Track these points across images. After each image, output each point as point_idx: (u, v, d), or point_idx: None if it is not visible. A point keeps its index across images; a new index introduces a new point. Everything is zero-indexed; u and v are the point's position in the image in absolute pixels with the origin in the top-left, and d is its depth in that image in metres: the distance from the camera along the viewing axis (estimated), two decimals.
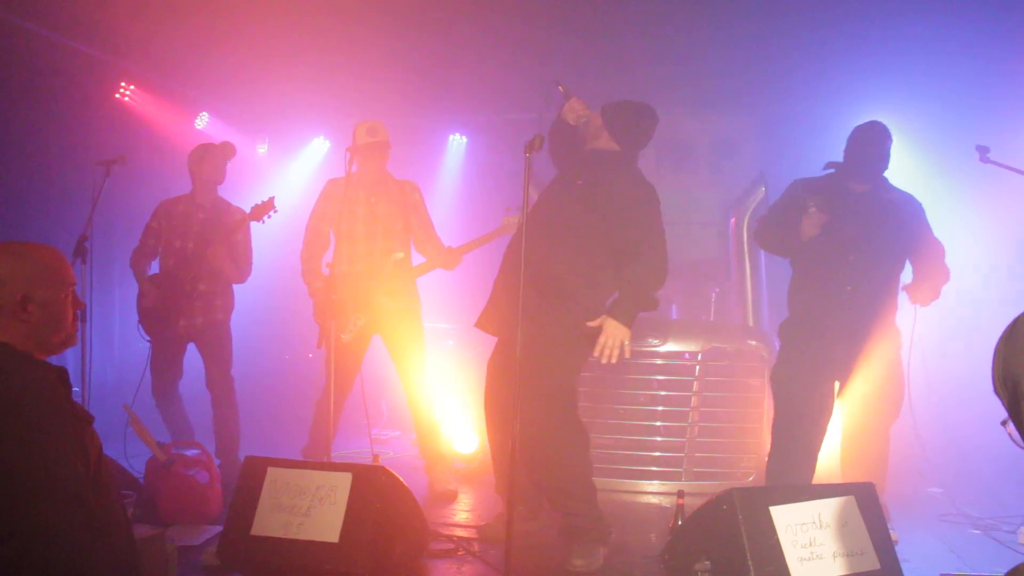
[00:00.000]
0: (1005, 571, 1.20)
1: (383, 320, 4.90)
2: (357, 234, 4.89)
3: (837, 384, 4.22)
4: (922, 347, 4.40)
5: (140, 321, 5.16)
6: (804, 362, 4.15)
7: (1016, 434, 1.30)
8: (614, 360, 3.73)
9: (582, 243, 3.83)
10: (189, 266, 5.04)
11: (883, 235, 4.12)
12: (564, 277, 3.79)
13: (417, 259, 5.12)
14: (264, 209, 4.99)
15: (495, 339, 4.18)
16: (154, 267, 5.26)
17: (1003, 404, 1.33)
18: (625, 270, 3.81)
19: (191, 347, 5.24)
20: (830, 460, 4.49)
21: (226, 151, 5.24)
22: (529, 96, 6.94)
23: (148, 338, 5.15)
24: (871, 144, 4.20)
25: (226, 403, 5.18)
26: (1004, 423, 1.33)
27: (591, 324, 3.75)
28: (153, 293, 5.07)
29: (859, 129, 4.27)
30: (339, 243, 4.91)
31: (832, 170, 4.34)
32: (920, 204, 4.32)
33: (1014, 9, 5.30)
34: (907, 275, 4.34)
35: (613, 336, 3.72)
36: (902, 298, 4.24)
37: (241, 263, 5.18)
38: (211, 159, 5.17)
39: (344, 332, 4.82)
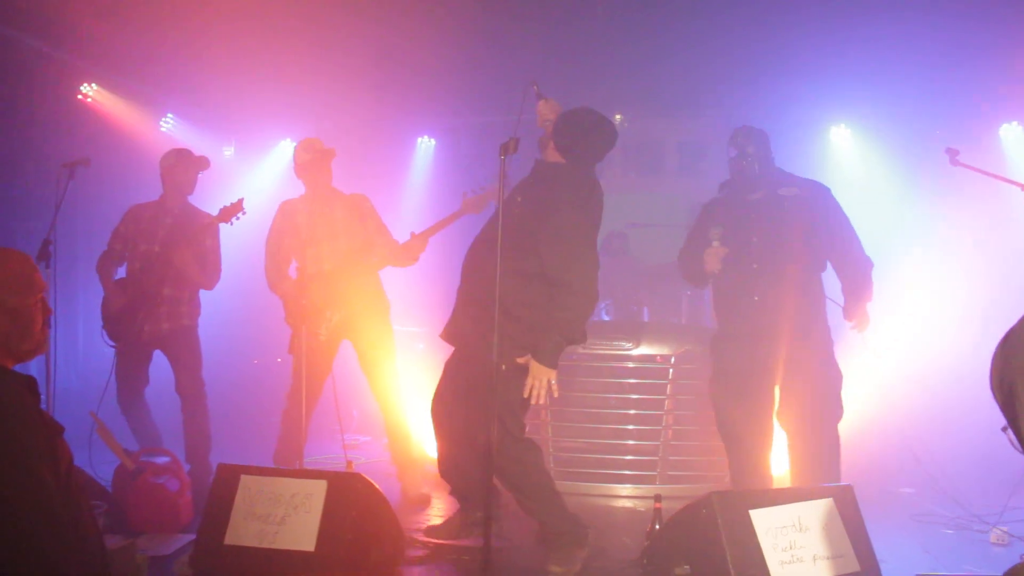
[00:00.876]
0: (979, 571, 1.19)
1: (353, 319, 4.86)
2: (319, 236, 4.86)
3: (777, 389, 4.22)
4: (893, 348, 4.43)
5: (104, 327, 5.05)
6: (731, 375, 4.23)
7: (1015, 440, 1.29)
8: (542, 401, 3.61)
9: (518, 264, 3.59)
10: (155, 270, 4.94)
11: (782, 236, 4.13)
12: (505, 294, 3.44)
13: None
14: (232, 211, 4.90)
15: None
16: (121, 272, 5.15)
17: (1000, 408, 1.32)
18: (554, 301, 3.61)
19: (157, 354, 5.13)
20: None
21: (200, 163, 5.15)
22: (499, 99, 6.95)
23: (113, 344, 5.03)
24: (739, 155, 4.28)
25: (197, 408, 5.05)
26: (1004, 429, 1.33)
27: (519, 360, 3.61)
28: (118, 297, 4.97)
29: (733, 139, 4.35)
30: (303, 249, 4.86)
31: (726, 191, 4.44)
32: (825, 190, 4.30)
33: (984, 13, 5.38)
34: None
35: (539, 378, 3.58)
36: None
37: (209, 269, 5.09)
38: (183, 166, 5.07)
39: (320, 330, 4.78)
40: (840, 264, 4.23)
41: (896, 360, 6.03)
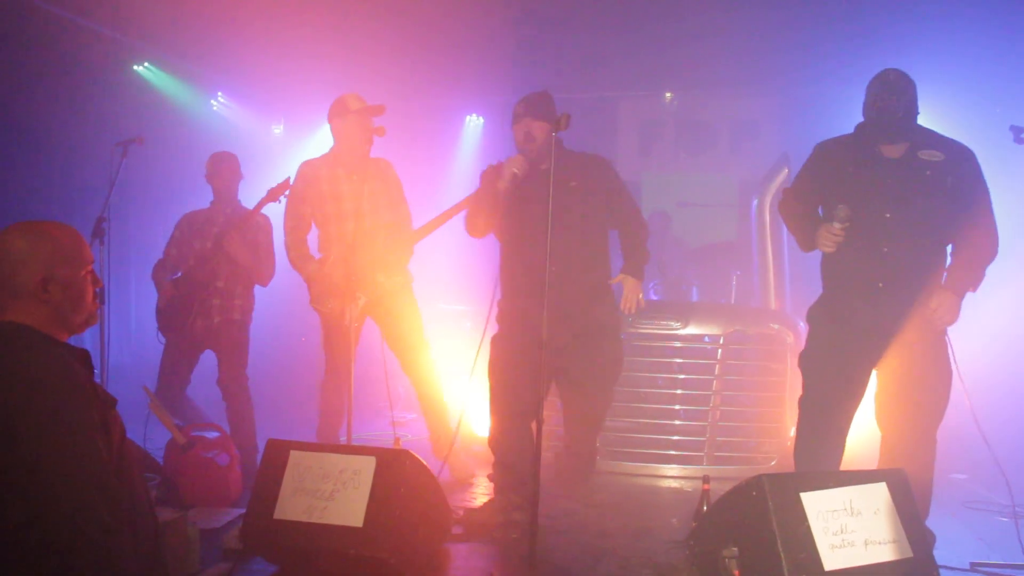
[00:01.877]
0: None
1: (379, 299, 4.77)
2: (345, 213, 4.72)
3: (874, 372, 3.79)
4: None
5: (157, 319, 5.08)
6: (834, 347, 3.75)
7: None
8: (634, 311, 4.29)
9: (599, 241, 4.29)
10: (207, 263, 4.96)
11: (920, 216, 3.54)
12: (596, 269, 4.24)
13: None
14: (280, 190, 4.86)
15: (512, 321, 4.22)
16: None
17: None
18: (639, 236, 4.35)
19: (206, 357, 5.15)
20: (859, 445, 4.37)
21: (233, 162, 5.17)
22: (548, 75, 6.89)
23: (163, 340, 5.06)
24: (885, 97, 3.58)
25: (240, 399, 5.04)
26: None
27: (612, 281, 4.28)
28: (170, 291, 5.00)
29: (870, 83, 3.69)
30: (327, 224, 4.76)
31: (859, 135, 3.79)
32: (971, 156, 3.65)
33: None
34: None
35: (636, 290, 4.28)
36: None
37: (264, 262, 5.06)
38: (226, 169, 5.11)
39: (349, 314, 4.64)
40: (960, 240, 3.63)
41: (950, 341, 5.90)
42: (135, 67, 6.82)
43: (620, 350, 4.44)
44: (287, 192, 4.87)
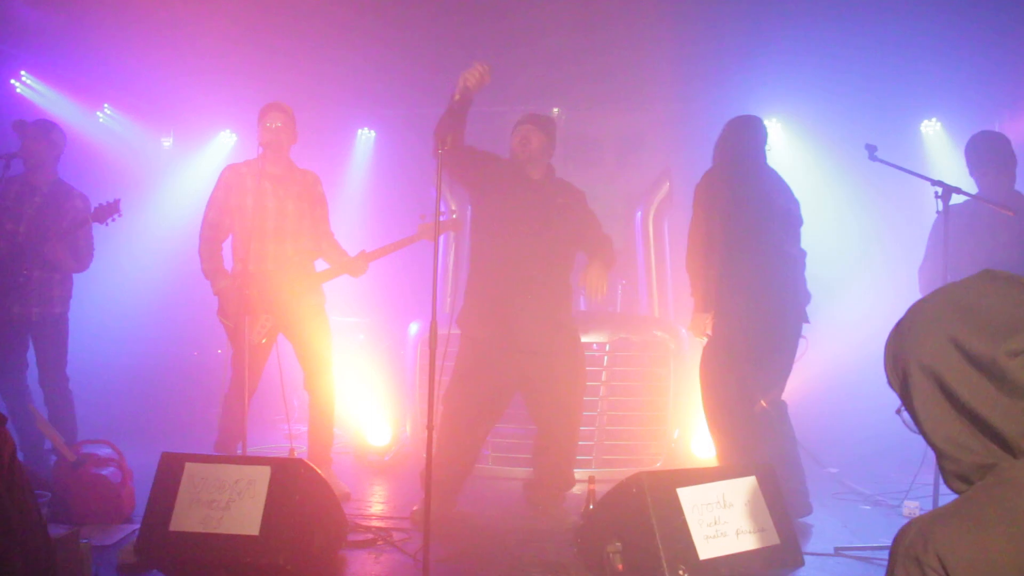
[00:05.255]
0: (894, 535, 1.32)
1: (289, 321, 4.77)
2: (266, 232, 4.71)
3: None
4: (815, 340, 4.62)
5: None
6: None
7: (910, 420, 1.40)
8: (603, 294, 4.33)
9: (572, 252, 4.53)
10: (23, 253, 4.80)
11: None
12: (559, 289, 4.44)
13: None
14: (108, 211, 4.74)
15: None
16: None
17: (896, 393, 1.43)
18: (605, 245, 4.50)
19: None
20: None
21: (54, 132, 5.03)
22: (435, 90, 7.01)
23: None
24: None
25: (62, 402, 5.01)
26: (898, 411, 1.43)
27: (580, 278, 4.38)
28: None
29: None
30: (245, 240, 4.69)
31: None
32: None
33: (905, 11, 5.61)
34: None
35: (604, 272, 4.34)
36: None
37: (82, 255, 5.00)
38: (42, 137, 4.95)
39: (255, 335, 4.66)
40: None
41: (823, 344, 6.29)
42: (12, 81, 6.64)
43: (582, 361, 4.53)
44: (116, 216, 4.76)
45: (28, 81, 6.74)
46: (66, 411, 5.02)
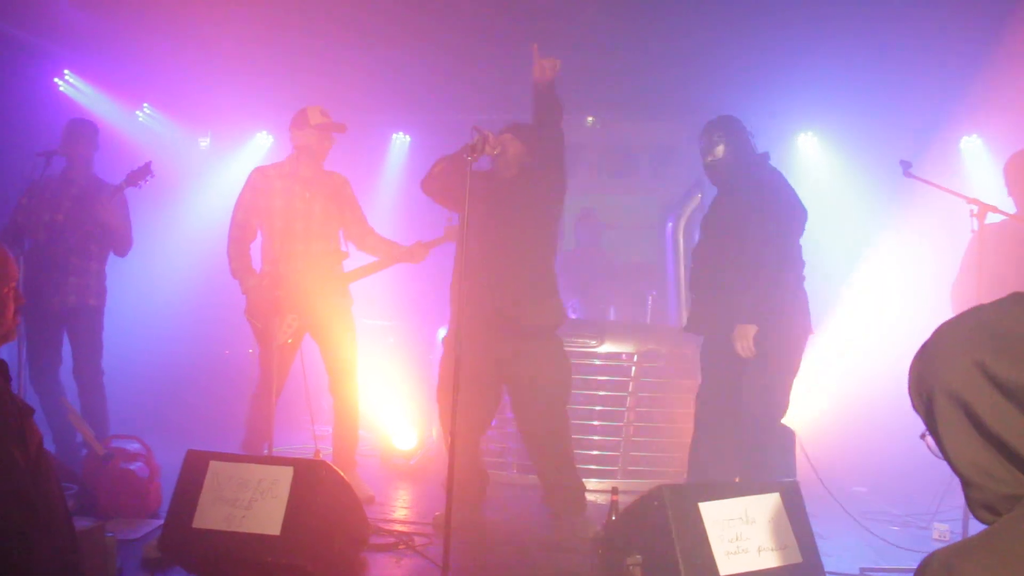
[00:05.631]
0: (918, 564, 1.28)
1: (316, 321, 4.81)
2: (294, 233, 4.76)
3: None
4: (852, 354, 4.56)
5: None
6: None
7: (934, 446, 1.35)
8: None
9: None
10: (60, 237, 4.92)
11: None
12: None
13: (356, 257, 5.04)
14: (140, 175, 4.81)
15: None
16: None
17: (920, 417, 1.38)
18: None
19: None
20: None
21: (91, 129, 5.19)
22: (474, 96, 7.04)
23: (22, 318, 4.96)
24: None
25: (95, 395, 5.10)
26: (923, 436, 1.38)
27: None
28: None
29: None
30: (273, 241, 4.77)
31: None
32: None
33: (948, 26, 5.55)
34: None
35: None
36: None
37: (122, 231, 5.09)
38: (82, 135, 5.11)
39: (281, 334, 4.69)
40: None
41: (856, 361, 6.23)
42: (58, 77, 6.76)
43: (565, 361, 4.42)
44: (148, 177, 4.83)
45: (71, 79, 6.85)
46: (99, 404, 5.11)
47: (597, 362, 5.38)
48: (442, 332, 5.75)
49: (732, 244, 4.19)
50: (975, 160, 7.09)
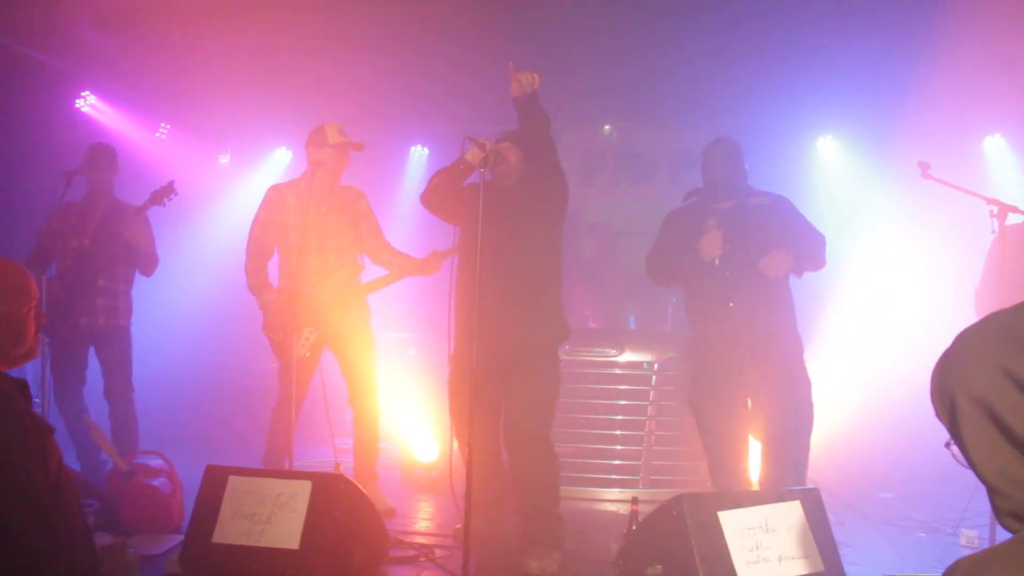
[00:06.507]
0: (942, 572, 1.26)
1: (334, 335, 4.83)
2: (309, 248, 4.78)
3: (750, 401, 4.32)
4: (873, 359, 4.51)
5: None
6: (708, 380, 4.30)
7: (959, 454, 1.32)
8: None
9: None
10: (87, 262, 4.99)
11: (753, 244, 4.18)
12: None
13: (372, 269, 5.05)
14: (164, 193, 4.89)
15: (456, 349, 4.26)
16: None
17: (943, 424, 1.35)
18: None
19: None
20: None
21: (111, 154, 5.27)
22: (491, 106, 7.04)
23: (47, 339, 5.00)
24: (720, 164, 4.40)
25: (127, 413, 5.17)
26: (947, 445, 1.34)
27: None
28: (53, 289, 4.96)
29: (706, 151, 4.48)
30: (288, 256, 4.80)
31: (695, 197, 4.53)
32: (788, 201, 4.43)
33: (969, 25, 5.49)
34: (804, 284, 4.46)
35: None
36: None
37: (147, 252, 5.17)
38: (105, 161, 5.19)
39: (299, 348, 4.70)
40: (799, 253, 4.23)
41: (880, 366, 6.16)
42: (76, 102, 6.84)
43: (554, 382, 4.20)
44: (172, 196, 4.91)
45: (91, 101, 6.93)
46: (131, 422, 5.17)
47: (617, 371, 5.36)
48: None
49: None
50: (999, 160, 7.00)
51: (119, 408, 5.16)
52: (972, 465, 1.29)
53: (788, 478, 4.07)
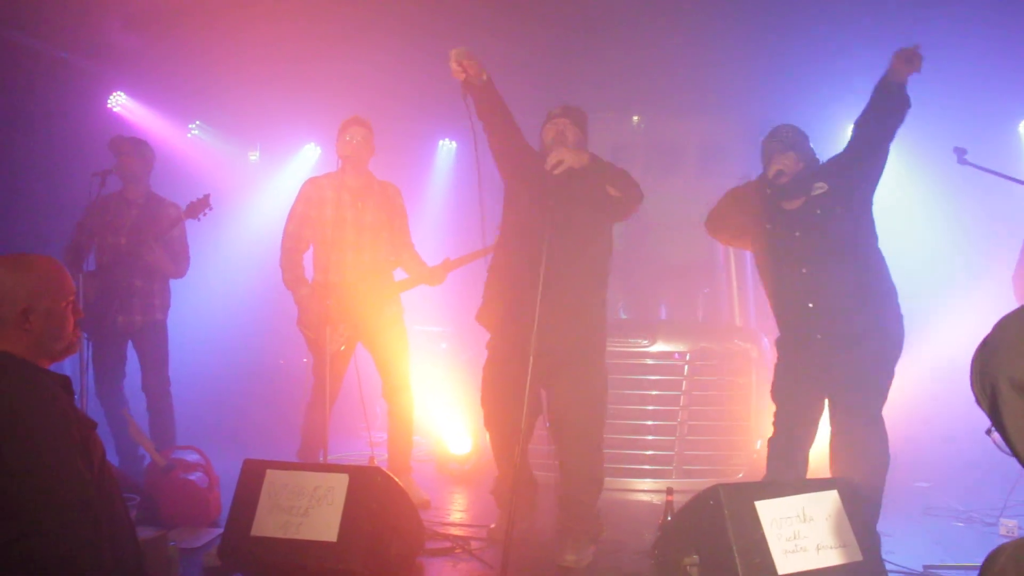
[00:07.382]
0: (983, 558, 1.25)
1: (368, 330, 4.85)
2: (345, 243, 4.79)
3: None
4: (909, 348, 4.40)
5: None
6: (792, 378, 3.93)
7: (1000, 441, 1.32)
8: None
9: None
10: (126, 262, 5.03)
11: (827, 238, 3.84)
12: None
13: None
14: (199, 207, 4.95)
15: (485, 342, 4.26)
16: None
17: (984, 411, 1.34)
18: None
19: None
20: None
21: (145, 147, 5.30)
22: (518, 97, 7.02)
23: (86, 335, 5.02)
24: (783, 159, 3.95)
25: (164, 407, 5.22)
26: (988, 432, 1.33)
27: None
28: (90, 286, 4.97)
29: (764, 142, 4.11)
30: (324, 251, 4.81)
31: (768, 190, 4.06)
32: (824, 163, 4.09)
33: (992, 10, 5.41)
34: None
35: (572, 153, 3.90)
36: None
37: (179, 259, 5.22)
38: (135, 153, 5.21)
39: (333, 343, 4.71)
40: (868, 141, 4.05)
41: (915, 354, 6.08)
42: (109, 98, 6.91)
43: (602, 379, 4.09)
44: (207, 210, 4.97)
45: (122, 100, 6.99)
46: (167, 416, 5.24)
47: (649, 362, 5.35)
48: None
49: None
50: None
51: (156, 403, 5.23)
52: (1014, 451, 1.28)
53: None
